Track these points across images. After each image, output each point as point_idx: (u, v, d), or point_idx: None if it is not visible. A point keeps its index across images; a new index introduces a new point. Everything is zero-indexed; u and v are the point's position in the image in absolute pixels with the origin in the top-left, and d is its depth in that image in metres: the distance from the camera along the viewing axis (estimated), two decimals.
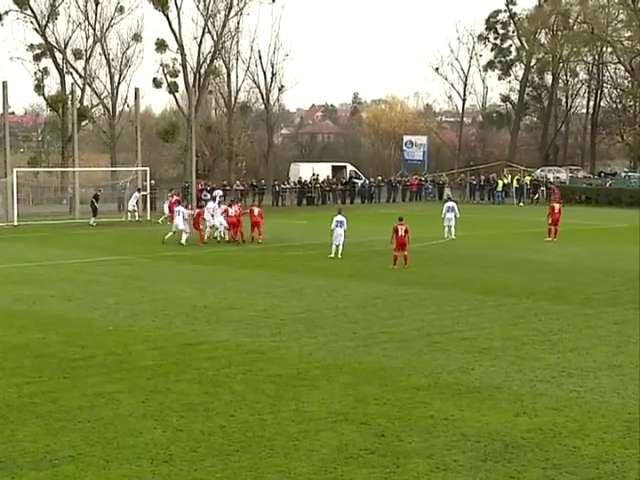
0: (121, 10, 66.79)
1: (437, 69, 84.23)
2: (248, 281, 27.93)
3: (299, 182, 67.08)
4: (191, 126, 60.31)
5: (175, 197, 46.15)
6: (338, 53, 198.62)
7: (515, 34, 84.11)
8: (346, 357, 17.59)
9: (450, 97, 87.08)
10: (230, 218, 39.03)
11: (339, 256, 32.95)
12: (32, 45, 65.77)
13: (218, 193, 53.97)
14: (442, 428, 13.25)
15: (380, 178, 71.78)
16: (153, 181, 57.86)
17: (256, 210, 40.09)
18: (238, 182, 65.01)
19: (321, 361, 17.27)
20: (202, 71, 66.51)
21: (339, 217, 33.61)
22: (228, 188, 62.10)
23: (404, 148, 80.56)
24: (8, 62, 66.37)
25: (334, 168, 72.45)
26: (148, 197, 52.47)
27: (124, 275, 29.41)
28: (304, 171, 69.61)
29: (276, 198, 64.98)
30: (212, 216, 39.60)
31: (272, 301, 24.07)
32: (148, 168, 54.87)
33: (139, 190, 51.39)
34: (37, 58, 65.91)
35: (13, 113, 70.92)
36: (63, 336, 19.48)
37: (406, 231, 30.74)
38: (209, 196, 53.75)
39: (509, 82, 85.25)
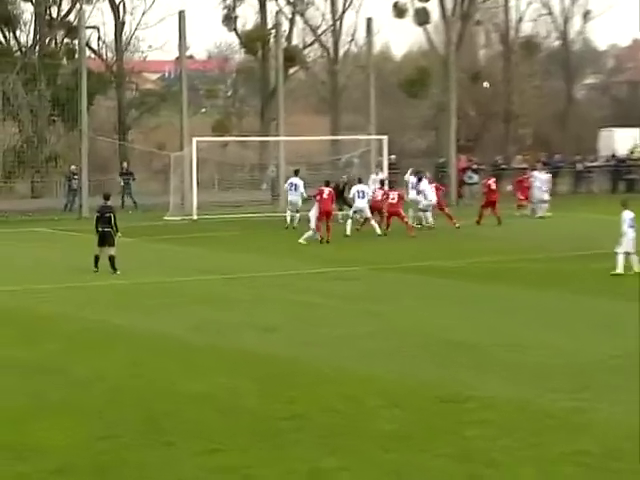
0: None
1: None
2: (534, 307, 27.85)
3: (613, 157, 66.13)
4: (450, 74, 60.56)
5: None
6: None
7: None
8: None
9: None
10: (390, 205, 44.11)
11: (637, 270, 32.77)
12: None
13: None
14: None
15: None
16: (393, 156, 58.18)
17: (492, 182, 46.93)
18: (520, 157, 64.71)
19: None
20: None
21: (629, 213, 33.34)
22: (504, 167, 61.90)
23: None
24: None
25: None
26: (386, 181, 50.55)
27: (347, 294, 29.84)
28: (621, 141, 68.62)
29: (578, 181, 64.45)
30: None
31: (571, 338, 23.81)
32: (386, 137, 55.28)
33: (378, 168, 51.26)
34: None
35: (192, 57, 73.24)
36: (260, 383, 19.82)
37: None
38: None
39: None
